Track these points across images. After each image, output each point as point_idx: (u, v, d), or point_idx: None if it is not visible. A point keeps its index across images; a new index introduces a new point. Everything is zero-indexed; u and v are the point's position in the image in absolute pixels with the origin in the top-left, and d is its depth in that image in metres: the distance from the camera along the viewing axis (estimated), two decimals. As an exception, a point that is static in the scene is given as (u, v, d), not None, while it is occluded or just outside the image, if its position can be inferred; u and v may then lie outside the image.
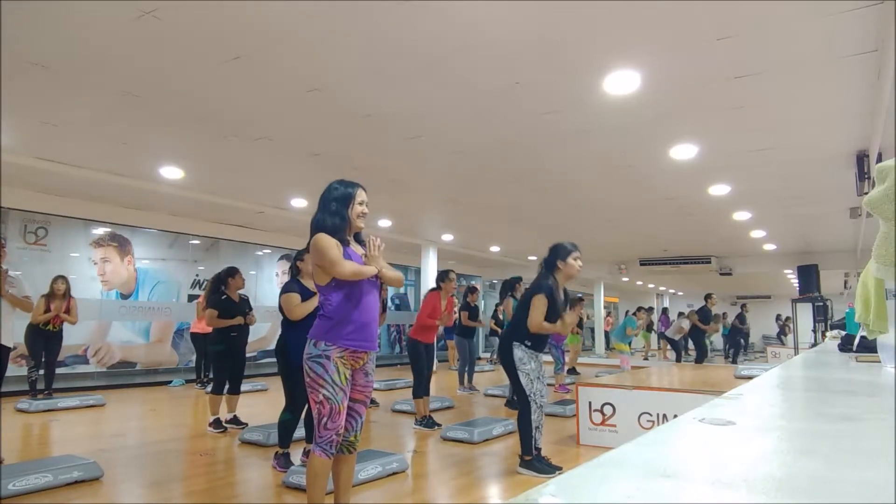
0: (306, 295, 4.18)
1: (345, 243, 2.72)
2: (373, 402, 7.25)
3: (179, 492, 3.66)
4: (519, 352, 3.98)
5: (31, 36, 3.51)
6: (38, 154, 6.04)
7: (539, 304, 3.95)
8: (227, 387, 5.49)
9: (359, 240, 2.87)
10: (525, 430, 4.02)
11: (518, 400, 4.04)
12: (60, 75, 4.07)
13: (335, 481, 2.84)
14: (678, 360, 11.15)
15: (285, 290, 4.26)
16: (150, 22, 3.31)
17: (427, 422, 5.63)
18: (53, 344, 6.80)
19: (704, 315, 10.88)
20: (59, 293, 6.72)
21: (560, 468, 4.07)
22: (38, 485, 3.46)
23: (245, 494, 3.61)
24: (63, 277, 6.84)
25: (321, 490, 2.67)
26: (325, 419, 2.62)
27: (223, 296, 5.41)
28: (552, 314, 4.00)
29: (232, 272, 5.53)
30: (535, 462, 4.02)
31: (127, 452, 4.63)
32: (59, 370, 7.26)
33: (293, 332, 4.06)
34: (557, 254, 4.09)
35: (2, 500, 3.26)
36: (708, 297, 11.02)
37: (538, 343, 4.07)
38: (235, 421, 5.45)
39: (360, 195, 2.81)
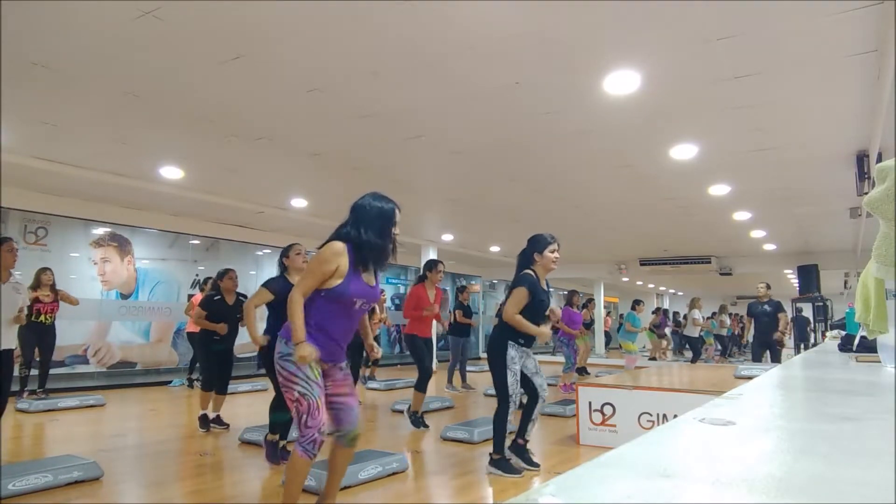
0: (286, 291, 4.11)
1: (362, 268, 2.64)
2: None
3: (179, 492, 3.66)
4: (513, 351, 3.91)
5: (31, 36, 3.51)
6: (38, 154, 6.04)
7: (518, 296, 3.86)
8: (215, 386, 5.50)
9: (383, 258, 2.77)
10: (500, 429, 3.95)
11: (498, 398, 3.94)
12: (60, 75, 4.07)
13: (329, 474, 2.77)
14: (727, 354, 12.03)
15: (264, 283, 4.24)
16: (151, 22, 3.31)
17: (416, 419, 5.56)
18: (47, 339, 6.73)
19: None
20: (48, 283, 6.68)
21: (536, 466, 4.07)
22: (38, 485, 3.45)
23: (245, 494, 3.61)
24: (49, 269, 6.81)
25: (298, 490, 2.63)
26: (304, 416, 2.54)
27: (217, 297, 5.42)
28: (536, 310, 3.91)
29: (221, 274, 5.53)
30: (502, 462, 3.99)
31: (127, 452, 4.62)
32: (59, 370, 7.24)
33: (279, 326, 3.99)
34: (534, 246, 4.02)
35: (2, 500, 3.25)
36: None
37: (529, 339, 4.00)
38: (218, 421, 5.45)
39: (397, 215, 2.73)
